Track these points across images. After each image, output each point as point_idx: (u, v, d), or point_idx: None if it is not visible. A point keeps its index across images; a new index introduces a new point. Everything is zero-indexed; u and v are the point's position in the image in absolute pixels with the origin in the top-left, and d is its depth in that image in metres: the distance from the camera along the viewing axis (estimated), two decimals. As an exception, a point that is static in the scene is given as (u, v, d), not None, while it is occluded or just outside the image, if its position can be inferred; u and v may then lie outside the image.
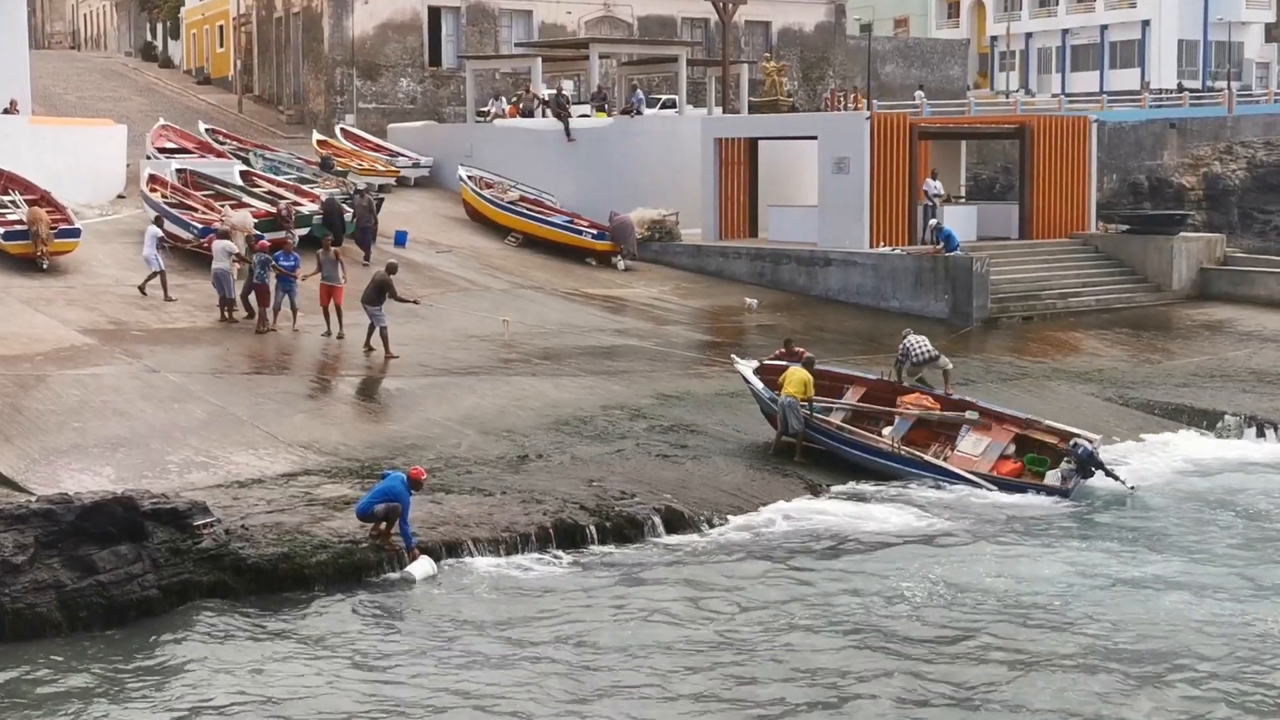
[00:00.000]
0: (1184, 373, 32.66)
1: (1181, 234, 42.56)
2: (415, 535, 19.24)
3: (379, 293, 29.03)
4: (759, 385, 25.96)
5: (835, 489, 23.81)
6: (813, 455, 24.97)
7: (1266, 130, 57.46)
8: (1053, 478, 24.25)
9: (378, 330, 29.05)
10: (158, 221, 33.68)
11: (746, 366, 26.64)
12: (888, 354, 29.81)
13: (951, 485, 24.06)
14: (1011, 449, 25.15)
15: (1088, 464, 23.97)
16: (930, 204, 40.24)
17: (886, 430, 25.61)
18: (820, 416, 25.44)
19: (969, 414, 25.62)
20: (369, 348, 29.17)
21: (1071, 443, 24.33)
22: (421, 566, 19.01)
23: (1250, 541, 21.23)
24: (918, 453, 24.89)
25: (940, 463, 24.72)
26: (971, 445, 25.21)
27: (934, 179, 40.81)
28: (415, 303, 30.99)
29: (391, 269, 29.75)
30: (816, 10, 66.63)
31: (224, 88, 67.02)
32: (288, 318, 30.93)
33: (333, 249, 31.33)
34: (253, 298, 30.83)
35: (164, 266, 32.49)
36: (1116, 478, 23.95)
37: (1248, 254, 45.33)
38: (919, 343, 27.27)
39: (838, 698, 15.32)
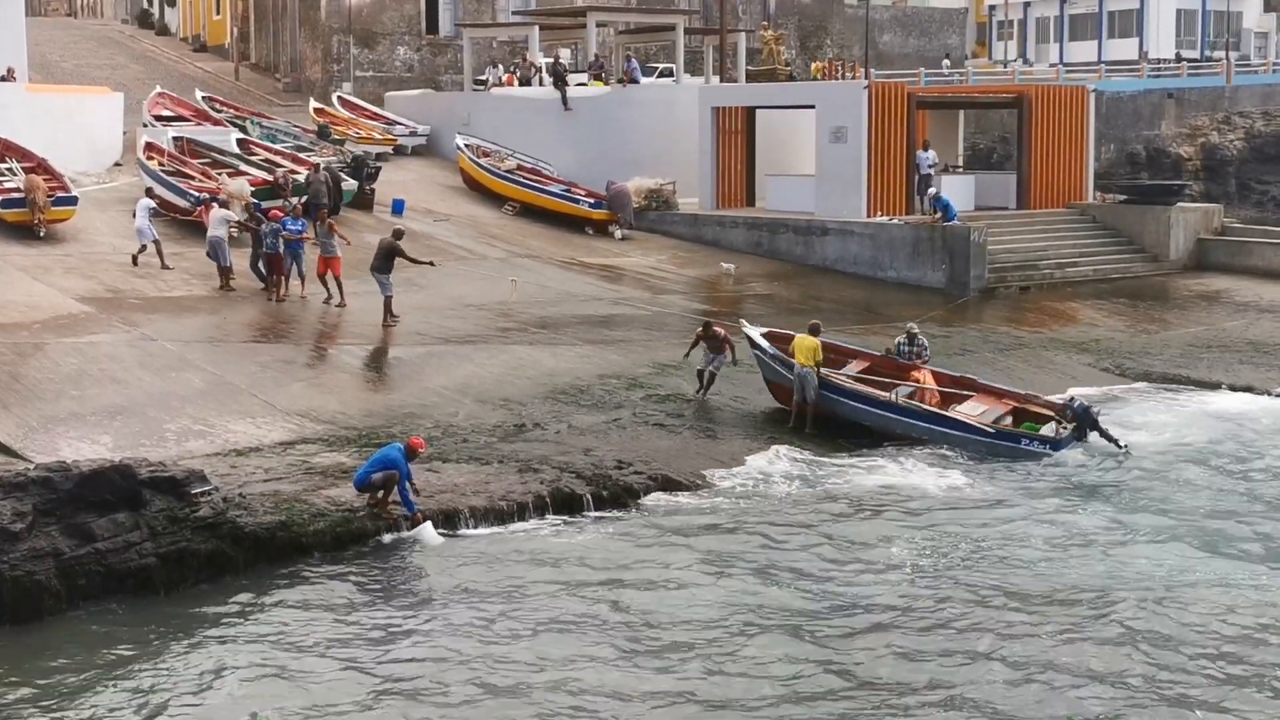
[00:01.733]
0: (1181, 343, 32.75)
1: (1179, 204, 42.53)
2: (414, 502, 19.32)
3: (388, 260, 28.98)
4: (766, 345, 25.95)
5: (833, 454, 23.90)
6: (819, 425, 24.99)
7: (1265, 100, 57.32)
8: (1048, 430, 24.47)
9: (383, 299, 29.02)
10: (149, 192, 33.59)
11: (755, 330, 26.65)
12: (884, 324, 29.83)
13: (949, 449, 24.18)
14: (1009, 419, 25.26)
15: (1084, 421, 24.20)
16: (927, 175, 40.09)
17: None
18: (832, 375, 25.50)
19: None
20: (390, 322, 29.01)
21: (1069, 397, 24.54)
22: (429, 532, 19.07)
23: (1237, 501, 21.44)
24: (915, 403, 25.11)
25: (943, 412, 24.84)
26: (970, 409, 25.33)
27: (925, 150, 40.64)
28: (430, 264, 30.76)
29: (398, 235, 29.71)
30: (814, -22, 66.56)
31: (221, 55, 66.85)
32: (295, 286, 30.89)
33: (328, 220, 31.27)
34: (264, 267, 30.75)
35: (157, 236, 32.44)
36: (1111, 438, 24.24)
37: (1245, 224, 45.30)
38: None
39: (833, 661, 15.45)
